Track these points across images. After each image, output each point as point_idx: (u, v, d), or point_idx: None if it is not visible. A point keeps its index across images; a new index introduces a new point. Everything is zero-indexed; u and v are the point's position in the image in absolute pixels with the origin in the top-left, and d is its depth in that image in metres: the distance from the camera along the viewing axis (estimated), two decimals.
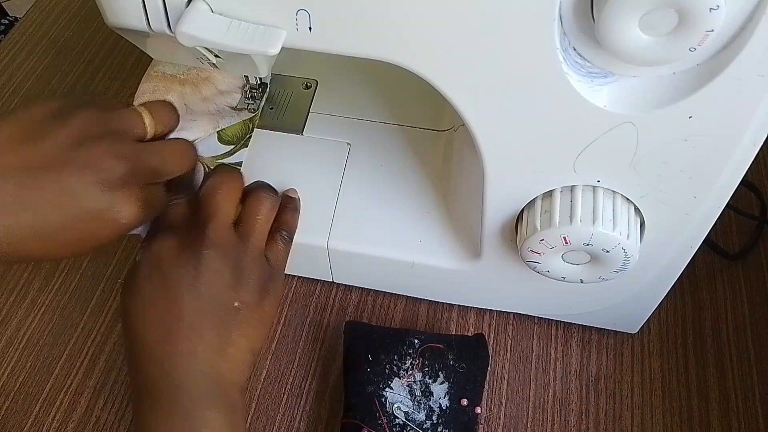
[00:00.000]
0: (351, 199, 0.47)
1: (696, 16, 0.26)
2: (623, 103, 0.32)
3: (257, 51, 0.32)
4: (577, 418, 0.46)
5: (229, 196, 0.40)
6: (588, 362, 0.49)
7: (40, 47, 0.69)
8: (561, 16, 0.29)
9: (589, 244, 0.36)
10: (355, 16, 0.31)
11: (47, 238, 0.34)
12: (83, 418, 0.47)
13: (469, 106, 0.34)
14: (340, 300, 0.52)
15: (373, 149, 0.49)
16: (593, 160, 0.34)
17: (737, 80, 0.29)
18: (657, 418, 0.46)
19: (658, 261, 0.41)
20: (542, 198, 0.38)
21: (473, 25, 0.30)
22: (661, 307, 0.47)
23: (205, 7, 0.32)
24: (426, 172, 0.48)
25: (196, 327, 0.36)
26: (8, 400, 0.47)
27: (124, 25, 0.34)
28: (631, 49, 0.28)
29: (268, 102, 0.51)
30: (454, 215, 0.46)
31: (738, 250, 0.53)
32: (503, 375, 0.48)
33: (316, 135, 0.50)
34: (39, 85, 0.65)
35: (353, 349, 0.46)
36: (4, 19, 1.23)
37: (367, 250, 0.46)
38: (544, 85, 0.31)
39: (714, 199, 0.36)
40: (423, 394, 0.43)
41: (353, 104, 0.51)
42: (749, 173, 0.35)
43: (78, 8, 0.73)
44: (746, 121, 0.31)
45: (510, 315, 0.51)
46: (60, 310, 0.52)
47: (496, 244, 0.42)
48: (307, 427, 0.46)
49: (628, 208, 0.37)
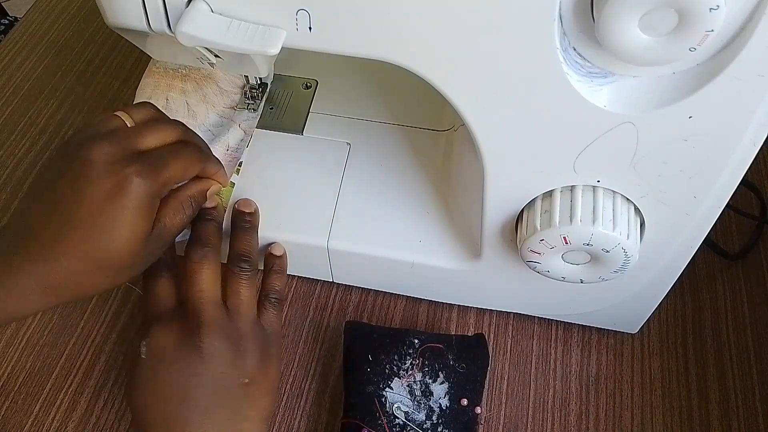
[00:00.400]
0: (351, 199, 0.47)
1: (696, 16, 0.26)
2: (623, 103, 0.32)
3: (257, 51, 0.32)
4: (577, 418, 0.46)
5: (211, 276, 0.40)
6: (588, 362, 0.49)
7: (40, 47, 0.69)
8: (561, 16, 0.29)
9: (589, 244, 0.36)
10: (355, 16, 0.31)
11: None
12: (83, 418, 0.47)
13: (468, 106, 0.34)
14: (340, 300, 0.52)
15: (373, 149, 0.49)
16: (593, 160, 0.34)
17: (737, 80, 0.29)
18: (657, 418, 0.46)
19: (658, 261, 0.41)
20: (542, 198, 0.38)
21: (473, 25, 0.30)
22: (661, 307, 0.47)
23: (205, 7, 0.32)
24: (426, 172, 0.48)
25: (207, 412, 0.37)
26: (8, 400, 0.47)
27: (124, 25, 0.34)
28: (631, 49, 0.28)
29: (268, 102, 0.51)
30: (454, 215, 0.46)
31: (738, 250, 0.53)
32: (503, 375, 0.48)
33: (316, 135, 0.50)
34: (39, 85, 0.65)
35: (353, 349, 0.46)
36: (4, 19, 1.23)
37: (367, 250, 0.46)
38: (544, 85, 0.31)
39: (714, 199, 0.36)
40: (423, 394, 0.43)
41: (353, 104, 0.51)
42: (749, 173, 0.35)
43: (78, 8, 0.73)
44: (746, 121, 0.31)
45: (510, 315, 0.51)
46: (60, 310, 0.52)
47: (496, 244, 0.42)
48: (307, 427, 0.46)
49: (628, 208, 0.36)
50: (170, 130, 0.39)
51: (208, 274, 0.40)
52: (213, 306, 0.39)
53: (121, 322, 0.51)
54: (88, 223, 0.35)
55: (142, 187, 0.35)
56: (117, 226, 0.35)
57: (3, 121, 0.63)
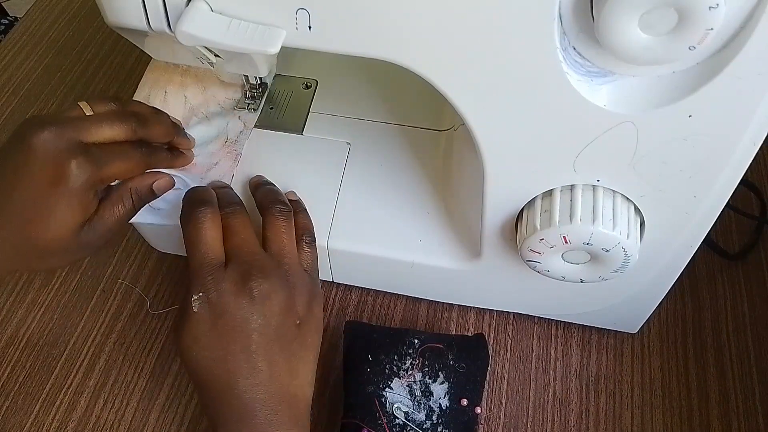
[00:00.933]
0: (351, 199, 0.47)
1: (695, 14, 0.26)
2: (623, 102, 0.32)
3: (257, 50, 0.32)
4: (577, 417, 0.46)
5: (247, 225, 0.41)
6: (588, 362, 0.49)
7: (40, 47, 0.69)
8: (561, 15, 0.29)
9: (588, 244, 0.36)
10: (354, 15, 0.31)
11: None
12: (83, 418, 0.47)
13: (468, 106, 0.34)
14: (340, 300, 0.52)
15: (373, 149, 0.49)
16: (593, 159, 0.34)
17: (737, 79, 0.29)
18: (657, 418, 0.46)
19: (658, 260, 0.41)
20: (542, 197, 0.38)
21: (473, 25, 0.30)
22: (661, 307, 0.47)
23: (204, 6, 0.32)
24: (426, 171, 0.48)
25: (268, 358, 0.37)
26: (8, 400, 0.47)
27: (124, 25, 0.34)
28: (631, 48, 0.28)
29: (268, 102, 0.51)
30: (454, 215, 0.46)
31: (738, 250, 0.53)
32: (503, 375, 0.48)
33: (316, 135, 0.50)
34: (39, 85, 0.66)
35: (353, 349, 0.46)
36: (4, 19, 1.23)
37: (367, 250, 0.46)
38: (543, 84, 0.31)
39: (714, 199, 0.36)
40: (423, 394, 0.43)
41: (353, 104, 0.51)
42: (749, 173, 0.35)
43: (78, 8, 0.73)
44: (746, 120, 0.31)
45: (510, 315, 0.51)
46: (60, 310, 0.52)
47: (496, 243, 0.42)
48: None
49: (628, 207, 0.36)
50: (124, 128, 0.39)
51: (246, 223, 0.40)
52: (257, 252, 0.39)
53: (121, 322, 0.51)
54: (24, 206, 0.36)
55: (79, 179, 0.36)
56: (50, 213, 0.36)
57: (3, 121, 0.63)
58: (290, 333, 0.39)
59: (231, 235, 0.40)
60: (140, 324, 0.51)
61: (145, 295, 0.52)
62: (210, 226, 0.39)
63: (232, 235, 0.40)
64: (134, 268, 0.54)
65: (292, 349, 0.39)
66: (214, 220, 0.39)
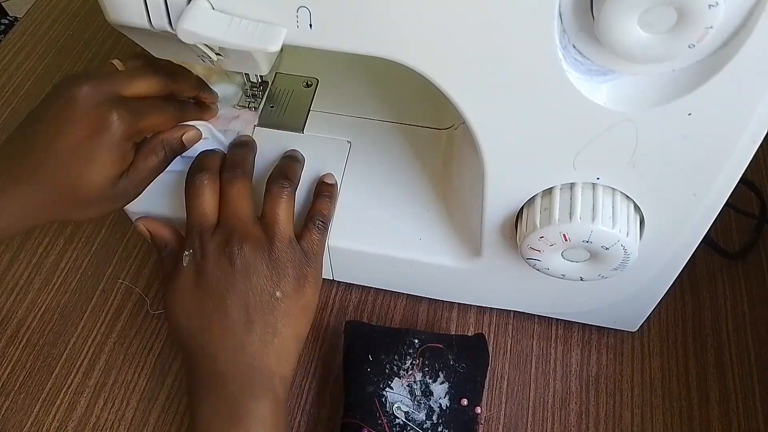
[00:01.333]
0: (351, 197, 0.47)
1: (695, 12, 0.26)
2: (623, 100, 0.32)
3: (258, 48, 0.32)
4: (577, 417, 0.46)
5: (244, 193, 0.42)
6: (588, 362, 0.49)
7: (40, 47, 0.69)
8: (560, 13, 0.29)
9: (588, 242, 0.36)
10: (355, 14, 0.31)
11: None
12: (83, 418, 0.47)
13: (469, 104, 0.34)
14: (340, 299, 0.52)
15: (374, 147, 0.49)
16: (593, 157, 0.35)
17: (737, 77, 0.29)
18: (657, 417, 0.46)
19: (657, 259, 0.41)
20: (542, 195, 0.38)
21: (473, 23, 0.30)
22: (661, 306, 0.47)
23: (206, 4, 0.32)
24: (426, 170, 0.48)
25: (242, 321, 0.39)
26: (8, 400, 0.47)
27: (125, 23, 0.34)
28: (631, 46, 0.28)
29: (269, 100, 0.51)
30: (454, 213, 0.46)
31: (738, 249, 0.53)
32: (503, 375, 0.48)
33: (316, 133, 0.50)
34: (39, 85, 0.66)
35: (353, 349, 0.46)
36: (4, 19, 1.23)
37: (368, 248, 0.46)
38: (543, 82, 0.31)
39: (714, 197, 0.36)
40: (423, 393, 0.43)
41: (354, 102, 0.51)
42: (749, 171, 0.35)
43: (78, 8, 0.73)
44: (746, 118, 0.31)
45: (510, 314, 0.51)
46: (60, 310, 0.52)
47: (496, 241, 0.42)
48: (307, 427, 0.46)
49: (628, 205, 0.37)
50: (157, 82, 0.41)
51: (241, 191, 0.42)
52: (245, 220, 0.41)
53: (121, 322, 0.51)
54: (65, 155, 0.37)
55: (119, 130, 0.38)
56: (90, 163, 0.38)
57: (3, 121, 0.63)
58: (268, 304, 0.40)
59: (225, 201, 0.42)
60: (140, 324, 0.51)
61: (145, 295, 0.52)
62: (205, 191, 0.42)
63: (225, 201, 0.42)
64: (134, 268, 0.54)
65: (269, 320, 0.39)
66: (211, 186, 0.42)
